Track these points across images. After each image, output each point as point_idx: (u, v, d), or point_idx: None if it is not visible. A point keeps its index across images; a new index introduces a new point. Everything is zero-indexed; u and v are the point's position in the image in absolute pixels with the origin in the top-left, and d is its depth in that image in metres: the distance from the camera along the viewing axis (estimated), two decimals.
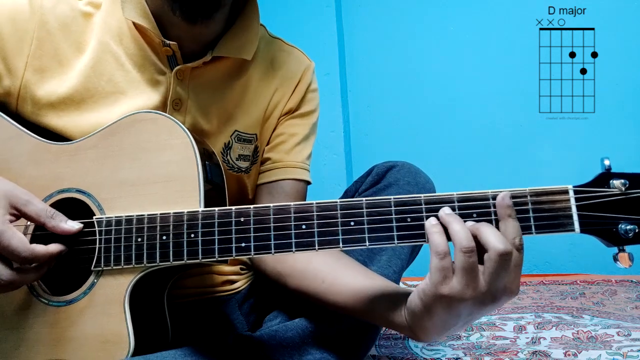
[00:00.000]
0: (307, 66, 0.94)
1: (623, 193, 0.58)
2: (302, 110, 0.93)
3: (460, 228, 0.57)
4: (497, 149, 2.06)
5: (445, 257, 0.57)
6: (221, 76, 0.84)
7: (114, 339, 0.66)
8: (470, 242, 0.56)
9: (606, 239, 0.59)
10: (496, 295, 0.57)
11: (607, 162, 0.60)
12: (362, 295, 0.71)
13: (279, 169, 0.89)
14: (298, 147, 0.91)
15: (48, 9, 0.78)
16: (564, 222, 0.59)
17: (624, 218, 0.58)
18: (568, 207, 0.59)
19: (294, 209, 0.64)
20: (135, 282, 0.67)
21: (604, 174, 0.60)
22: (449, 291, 0.57)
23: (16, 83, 0.77)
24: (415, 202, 0.61)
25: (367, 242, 0.61)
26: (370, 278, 0.74)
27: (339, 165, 2.27)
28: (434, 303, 0.58)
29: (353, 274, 0.75)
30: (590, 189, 0.59)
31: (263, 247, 0.64)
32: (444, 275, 0.57)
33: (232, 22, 0.84)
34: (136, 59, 0.80)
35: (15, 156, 0.74)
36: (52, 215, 0.67)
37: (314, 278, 0.76)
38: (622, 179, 0.59)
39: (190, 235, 0.66)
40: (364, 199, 0.62)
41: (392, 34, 2.26)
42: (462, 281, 0.56)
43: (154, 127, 0.71)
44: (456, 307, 0.57)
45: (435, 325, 0.61)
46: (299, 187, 0.90)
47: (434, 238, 0.58)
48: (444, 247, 0.57)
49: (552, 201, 0.59)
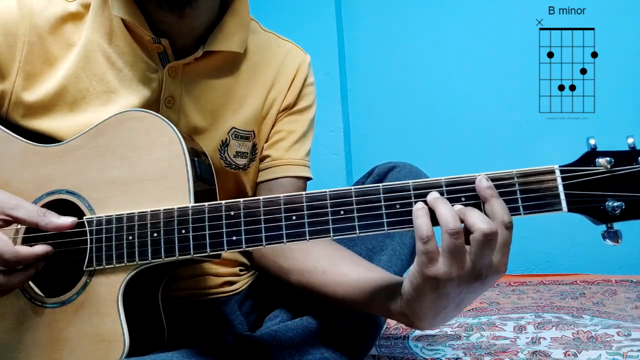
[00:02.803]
0: (302, 60, 0.93)
1: (609, 170, 0.59)
2: (300, 106, 0.92)
3: (447, 210, 0.57)
4: (497, 148, 2.06)
5: (428, 241, 0.57)
6: (213, 71, 0.84)
7: (109, 339, 0.66)
8: (457, 223, 0.56)
9: (594, 216, 0.59)
10: (482, 274, 0.58)
11: (593, 141, 0.60)
12: (362, 286, 0.71)
13: (279, 167, 0.89)
14: (297, 145, 0.91)
15: (38, 11, 0.77)
16: (551, 202, 0.59)
17: (610, 195, 0.59)
18: (555, 187, 0.59)
19: (283, 200, 0.64)
20: (128, 281, 0.67)
21: (589, 153, 0.60)
22: (435, 272, 0.57)
23: (8, 88, 0.77)
24: (404, 188, 0.61)
25: (357, 230, 0.62)
26: (369, 269, 0.74)
27: (338, 165, 2.27)
28: (422, 285, 0.59)
29: (353, 265, 0.75)
30: (576, 167, 0.60)
31: (254, 239, 0.64)
32: (429, 258, 0.57)
33: (222, 16, 0.83)
34: (127, 57, 0.79)
35: (3, 160, 0.74)
36: (43, 213, 0.66)
37: (315, 269, 0.76)
38: (608, 157, 0.59)
39: (181, 231, 0.66)
40: (352, 188, 0.62)
41: (392, 34, 2.26)
42: (448, 262, 0.57)
43: (142, 125, 0.71)
44: (444, 288, 0.58)
45: (427, 308, 0.61)
46: (300, 184, 0.90)
47: (418, 222, 0.58)
48: (428, 231, 0.57)
49: (539, 181, 0.60)
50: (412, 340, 1.20)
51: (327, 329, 0.78)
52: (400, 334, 1.26)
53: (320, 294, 0.76)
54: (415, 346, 1.16)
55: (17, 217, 0.65)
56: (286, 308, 0.84)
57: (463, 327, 1.29)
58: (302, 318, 0.79)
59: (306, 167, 0.92)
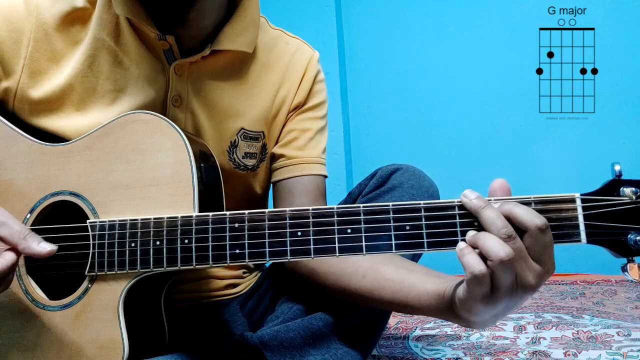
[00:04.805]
0: (310, 57, 0.91)
1: (634, 202, 0.55)
2: (311, 104, 0.90)
3: (494, 241, 0.54)
4: (497, 148, 2.06)
5: (484, 277, 0.54)
6: (221, 70, 0.82)
7: (109, 345, 0.65)
8: (509, 250, 0.54)
9: (614, 249, 0.56)
10: (529, 281, 0.55)
11: (618, 168, 0.56)
12: (407, 290, 0.68)
13: (296, 166, 0.87)
14: (312, 142, 0.89)
15: (44, 8, 0.76)
16: (569, 233, 0.56)
17: (633, 228, 0.55)
18: (575, 217, 0.56)
19: (289, 215, 0.62)
20: (129, 288, 0.66)
21: (614, 181, 0.56)
22: (487, 293, 0.56)
23: (13, 85, 0.76)
24: (415, 209, 0.59)
25: (364, 250, 0.59)
26: (411, 270, 0.71)
27: (339, 165, 2.27)
28: (473, 298, 0.57)
29: (394, 267, 0.71)
30: (598, 197, 0.56)
31: (257, 254, 0.62)
32: (480, 283, 0.55)
33: (232, 14, 0.82)
34: (133, 55, 0.78)
35: (9, 157, 0.73)
36: (24, 236, 0.63)
37: (354, 273, 0.73)
38: (633, 187, 0.55)
39: (184, 241, 0.64)
40: (361, 206, 0.60)
41: (392, 34, 2.26)
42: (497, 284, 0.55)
43: (148, 128, 0.70)
44: (496, 301, 0.56)
45: (485, 321, 0.60)
46: (318, 182, 0.88)
47: (469, 260, 0.55)
48: (482, 269, 0.54)
49: (558, 210, 0.56)
50: (412, 340, 1.21)
51: (329, 330, 0.77)
52: (400, 334, 1.26)
53: (362, 299, 0.73)
54: (415, 346, 1.16)
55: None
56: (297, 301, 0.82)
57: (463, 327, 1.29)
58: (304, 318, 0.78)
59: (322, 165, 0.90)
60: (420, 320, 1.40)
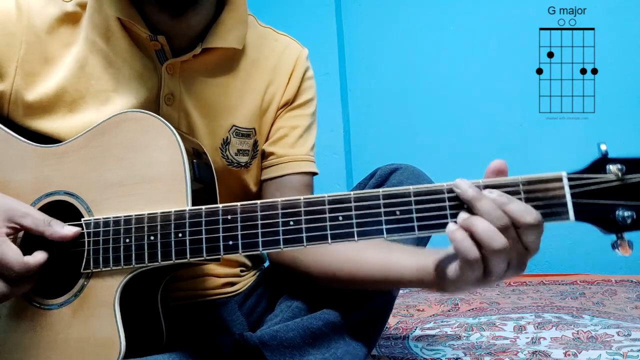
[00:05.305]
0: (299, 54, 0.92)
1: (620, 179, 0.56)
2: (300, 101, 0.91)
3: (486, 226, 0.56)
4: (497, 148, 2.06)
5: (476, 263, 0.57)
6: (212, 68, 0.84)
7: (106, 342, 0.66)
8: (503, 239, 0.56)
9: (603, 226, 0.57)
10: (517, 261, 0.58)
11: (604, 147, 0.58)
12: (389, 266, 0.72)
13: (285, 164, 0.88)
14: (301, 140, 0.90)
15: (36, 11, 0.77)
16: (558, 211, 0.57)
17: (621, 204, 0.56)
18: (562, 195, 0.57)
19: (281, 205, 0.63)
20: (125, 284, 0.67)
21: (600, 160, 0.58)
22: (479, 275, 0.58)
23: (7, 88, 0.77)
24: (404, 194, 0.60)
25: (355, 236, 0.60)
26: (394, 249, 0.73)
27: (338, 165, 2.27)
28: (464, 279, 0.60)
29: (378, 249, 0.74)
30: (585, 175, 0.57)
31: (251, 244, 0.63)
32: (471, 267, 0.58)
33: (220, 13, 0.83)
34: (125, 56, 0.79)
35: (3, 160, 0.74)
36: (49, 222, 0.67)
37: (338, 260, 0.76)
38: (619, 164, 0.57)
39: (177, 235, 0.65)
40: (352, 193, 0.61)
41: (392, 34, 2.26)
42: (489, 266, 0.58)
43: (141, 126, 0.71)
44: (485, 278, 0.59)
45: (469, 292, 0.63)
46: (306, 180, 0.90)
47: (463, 246, 0.57)
48: (477, 256, 0.56)
49: (545, 189, 0.57)
50: (412, 340, 1.21)
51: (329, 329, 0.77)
52: (400, 334, 1.26)
53: (347, 281, 0.76)
54: (415, 346, 1.16)
55: (24, 226, 0.66)
56: (296, 298, 0.83)
57: (463, 327, 1.29)
58: (304, 318, 0.78)
59: (311, 162, 0.91)
60: (420, 320, 1.40)
